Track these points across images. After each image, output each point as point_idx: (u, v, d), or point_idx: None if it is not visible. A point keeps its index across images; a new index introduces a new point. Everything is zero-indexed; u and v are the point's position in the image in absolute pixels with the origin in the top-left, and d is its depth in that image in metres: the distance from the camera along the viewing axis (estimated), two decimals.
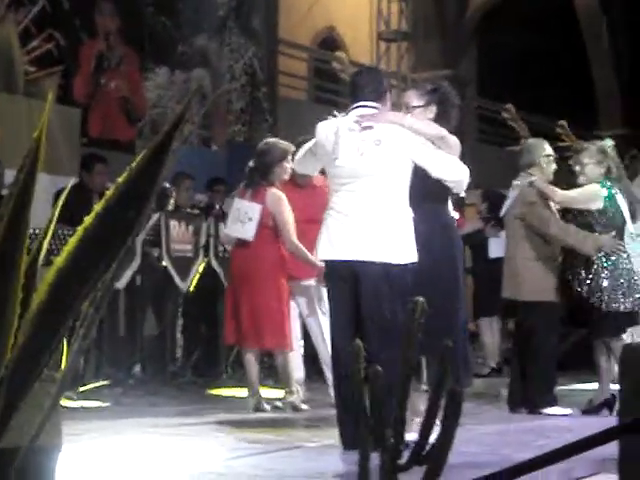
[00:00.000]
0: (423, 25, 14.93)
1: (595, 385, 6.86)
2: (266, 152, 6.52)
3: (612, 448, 3.04)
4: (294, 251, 6.39)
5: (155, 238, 7.78)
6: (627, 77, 20.53)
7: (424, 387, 5.37)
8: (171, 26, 10.96)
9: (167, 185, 8.08)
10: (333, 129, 4.97)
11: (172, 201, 8.30)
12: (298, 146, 6.62)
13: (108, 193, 1.55)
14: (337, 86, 15.71)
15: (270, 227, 6.47)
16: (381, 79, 5.22)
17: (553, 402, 6.53)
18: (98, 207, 1.55)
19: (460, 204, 8.03)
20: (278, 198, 6.47)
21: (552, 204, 6.74)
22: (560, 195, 6.74)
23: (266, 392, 6.93)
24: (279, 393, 6.89)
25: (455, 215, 7.93)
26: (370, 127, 4.88)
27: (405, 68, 13.80)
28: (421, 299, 1.94)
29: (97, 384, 7.13)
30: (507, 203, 6.83)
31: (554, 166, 6.90)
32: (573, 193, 6.77)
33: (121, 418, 6.06)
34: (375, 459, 1.95)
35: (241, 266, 6.54)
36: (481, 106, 17.31)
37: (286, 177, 6.55)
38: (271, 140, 6.81)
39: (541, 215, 6.66)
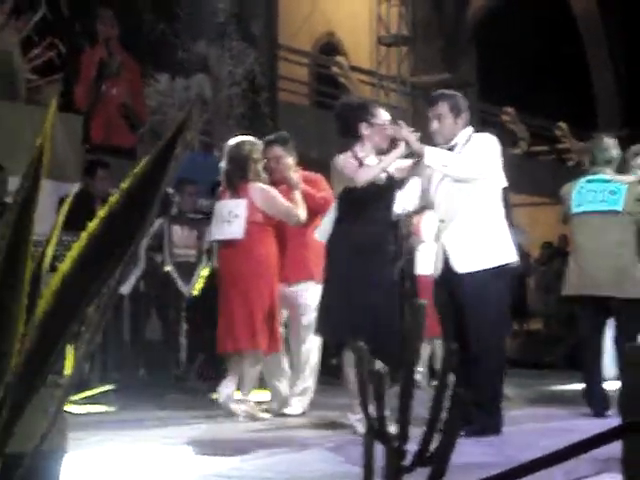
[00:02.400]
0: (422, 29, 14.95)
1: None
2: (236, 151, 6.39)
3: (616, 447, 3.05)
4: (304, 219, 6.28)
5: (158, 243, 7.80)
6: (625, 79, 20.55)
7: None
8: (171, 33, 10.98)
9: (170, 191, 8.10)
10: None
11: (175, 207, 8.32)
12: (267, 144, 6.59)
13: (112, 199, 1.56)
14: (337, 91, 15.75)
15: (258, 223, 6.26)
16: None
17: None
18: (102, 213, 1.56)
19: None
20: (264, 191, 6.29)
21: None
22: None
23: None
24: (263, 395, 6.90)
25: None
26: None
27: (405, 72, 13.80)
28: (424, 302, 1.95)
29: (102, 389, 7.13)
30: (601, 197, 6.47)
31: None
32: None
33: (126, 422, 6.07)
34: (380, 460, 1.96)
35: (231, 267, 6.29)
36: (482, 109, 17.33)
37: (262, 173, 6.40)
38: (238, 139, 6.62)
39: None
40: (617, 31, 20.19)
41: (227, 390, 6.30)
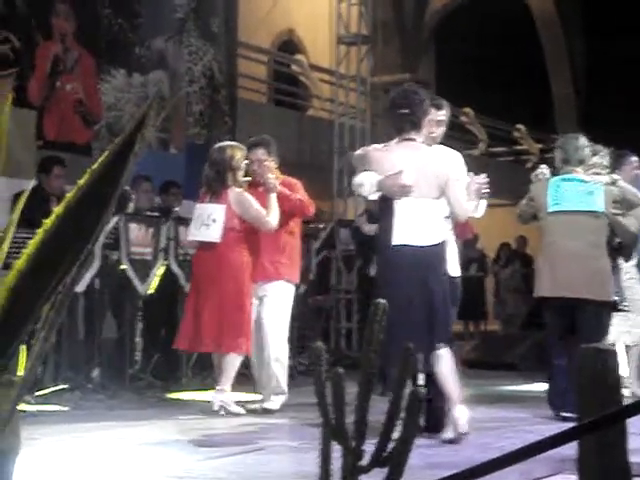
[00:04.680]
0: (382, 29, 15.00)
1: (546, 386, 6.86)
2: (217, 156, 6.57)
3: (571, 448, 3.08)
4: (275, 226, 6.46)
5: (114, 241, 7.72)
6: (583, 81, 20.76)
7: None
8: (128, 28, 10.88)
9: (127, 188, 8.03)
10: None
11: (132, 204, 8.25)
12: (250, 147, 6.70)
13: (68, 195, 1.53)
14: (296, 89, 15.74)
15: (235, 229, 6.48)
16: None
17: None
18: (58, 209, 1.53)
19: None
20: (240, 195, 6.50)
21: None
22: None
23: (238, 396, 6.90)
24: (252, 396, 6.91)
25: None
26: None
27: (365, 71, 13.82)
28: (383, 301, 1.94)
29: (56, 388, 7.06)
30: (580, 197, 6.38)
31: None
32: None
33: (80, 422, 6.01)
34: (337, 460, 1.95)
35: (204, 269, 6.52)
36: None
37: (241, 177, 6.56)
38: (222, 143, 6.86)
39: (629, 215, 6.58)
40: (575, 34, 20.39)
41: (219, 396, 6.45)
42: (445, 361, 5.35)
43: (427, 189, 5.32)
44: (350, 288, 11.56)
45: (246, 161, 6.61)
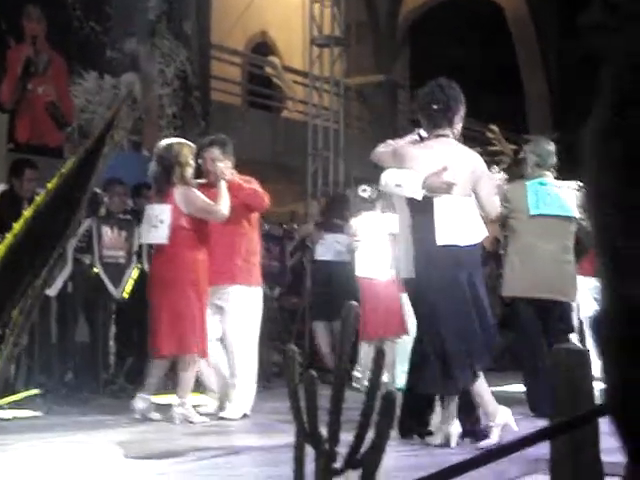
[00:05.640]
0: (356, 30, 15.03)
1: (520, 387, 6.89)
2: (163, 154, 6.38)
3: (545, 448, 3.09)
4: (227, 213, 6.23)
5: (87, 244, 7.68)
6: (556, 82, 20.87)
7: None
8: (99, 30, 10.83)
9: (98, 191, 7.99)
10: None
11: (104, 207, 8.21)
12: (205, 146, 6.58)
13: (38, 199, 1.52)
14: (270, 91, 15.73)
15: (185, 228, 6.27)
16: None
17: None
18: (27, 213, 1.52)
19: None
20: (185, 190, 6.30)
21: None
22: None
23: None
24: (205, 399, 6.84)
25: None
26: None
27: (338, 73, 13.83)
28: (355, 303, 1.94)
29: (28, 393, 7.00)
30: (558, 202, 6.51)
31: None
32: None
33: (53, 427, 5.97)
34: (310, 463, 1.94)
35: (159, 272, 6.34)
36: (414, 111, 17.44)
37: (189, 175, 6.38)
38: (169, 140, 6.67)
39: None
40: (548, 34, 20.51)
41: (141, 405, 6.29)
42: None
43: (463, 186, 5.17)
44: None
45: (199, 160, 6.46)
